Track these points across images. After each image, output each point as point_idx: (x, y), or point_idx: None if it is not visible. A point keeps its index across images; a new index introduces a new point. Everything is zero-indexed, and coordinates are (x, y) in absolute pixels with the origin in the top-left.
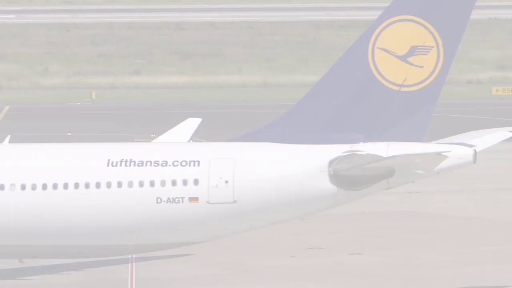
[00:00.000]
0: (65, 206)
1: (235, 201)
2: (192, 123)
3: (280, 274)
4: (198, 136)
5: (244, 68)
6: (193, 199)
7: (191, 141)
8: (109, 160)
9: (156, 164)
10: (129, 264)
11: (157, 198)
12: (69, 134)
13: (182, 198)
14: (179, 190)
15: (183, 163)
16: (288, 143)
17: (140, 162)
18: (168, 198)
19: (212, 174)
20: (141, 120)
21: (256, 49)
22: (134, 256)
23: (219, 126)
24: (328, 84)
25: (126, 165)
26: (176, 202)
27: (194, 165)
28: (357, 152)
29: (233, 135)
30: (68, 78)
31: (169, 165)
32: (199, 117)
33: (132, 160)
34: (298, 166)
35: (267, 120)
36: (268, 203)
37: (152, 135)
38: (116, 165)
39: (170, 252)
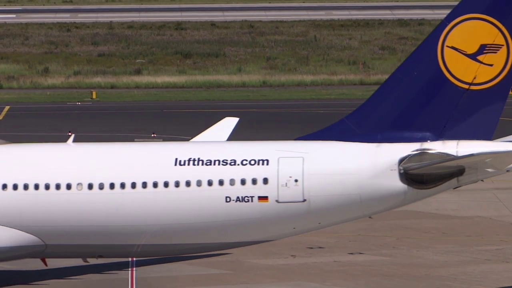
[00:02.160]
0: (133, 206)
1: (305, 200)
2: (230, 122)
3: (280, 274)
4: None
5: (244, 67)
6: (263, 198)
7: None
8: (176, 159)
9: (224, 163)
10: (130, 264)
11: (226, 197)
12: (70, 133)
13: (252, 197)
14: (249, 189)
15: (252, 162)
16: (357, 142)
17: (208, 161)
18: (238, 197)
19: (282, 173)
20: (142, 120)
21: (256, 49)
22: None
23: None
24: (397, 82)
25: (194, 164)
26: (245, 201)
27: (263, 164)
28: (427, 151)
29: (238, 135)
30: (68, 78)
31: (238, 164)
32: (198, 117)
33: (200, 159)
34: (368, 164)
35: (268, 119)
36: (338, 202)
37: (152, 135)
38: (184, 164)
39: None
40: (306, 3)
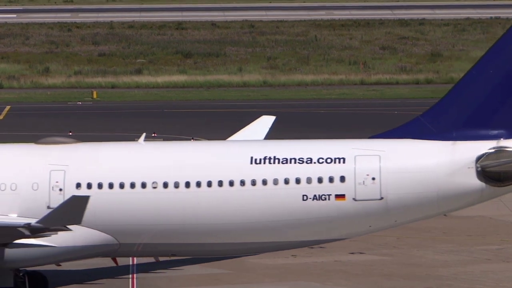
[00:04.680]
0: (208, 204)
1: (382, 198)
2: (266, 121)
3: (281, 274)
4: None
5: (244, 67)
6: (340, 196)
7: (192, 139)
8: (252, 157)
9: (300, 161)
10: (130, 263)
11: (303, 195)
12: (70, 133)
13: (329, 195)
14: (326, 187)
15: (328, 160)
16: (432, 140)
17: (284, 160)
18: (314, 195)
19: (359, 171)
20: (142, 120)
21: (257, 48)
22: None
23: (221, 125)
24: (472, 80)
25: (270, 163)
26: (322, 199)
27: (339, 162)
28: (505, 149)
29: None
30: (69, 78)
31: (314, 162)
32: (198, 117)
33: (276, 157)
34: (445, 162)
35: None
36: (415, 200)
37: (153, 134)
38: (259, 163)
39: None
40: (306, 3)
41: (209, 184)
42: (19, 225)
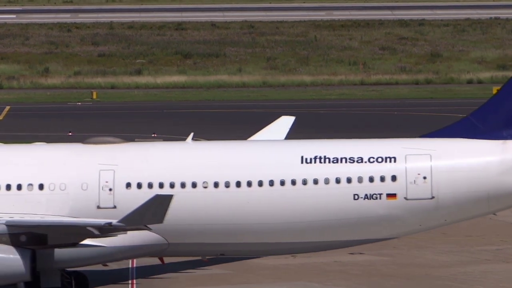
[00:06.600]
0: (260, 204)
1: (433, 197)
2: (286, 121)
3: (281, 274)
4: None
5: (244, 67)
6: (391, 195)
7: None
8: (302, 157)
9: (351, 161)
10: (130, 263)
11: (354, 194)
12: (70, 134)
13: (380, 194)
14: (377, 186)
15: (379, 160)
16: (483, 139)
17: (335, 159)
18: (366, 195)
19: (410, 170)
20: (142, 120)
21: (256, 49)
22: None
23: (221, 126)
24: None
25: (320, 162)
26: (373, 199)
27: (390, 161)
28: None
29: (234, 135)
30: (68, 78)
31: (365, 162)
32: (200, 117)
33: (327, 157)
34: (496, 161)
35: (268, 119)
36: (466, 199)
37: (153, 135)
38: (310, 162)
39: None
40: (306, 4)
41: (260, 183)
42: (99, 224)
